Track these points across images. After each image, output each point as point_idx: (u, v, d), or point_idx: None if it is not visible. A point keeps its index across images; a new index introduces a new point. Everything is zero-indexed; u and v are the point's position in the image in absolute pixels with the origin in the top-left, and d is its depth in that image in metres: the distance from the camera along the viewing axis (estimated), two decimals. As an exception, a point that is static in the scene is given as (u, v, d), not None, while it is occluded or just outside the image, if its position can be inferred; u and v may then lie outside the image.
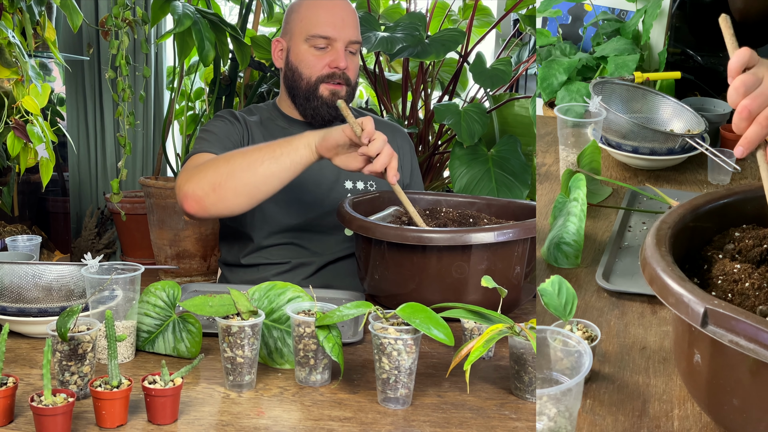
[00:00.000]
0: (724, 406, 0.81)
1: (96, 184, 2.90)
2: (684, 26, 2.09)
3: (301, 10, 1.63)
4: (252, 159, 1.35)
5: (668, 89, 1.92)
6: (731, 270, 0.92)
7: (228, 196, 1.35)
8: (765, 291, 0.87)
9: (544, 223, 1.43)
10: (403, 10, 2.67)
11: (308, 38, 1.59)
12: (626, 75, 1.86)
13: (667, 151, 1.62)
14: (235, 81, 2.36)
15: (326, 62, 1.60)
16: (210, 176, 1.36)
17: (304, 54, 1.61)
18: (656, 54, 2.05)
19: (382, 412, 0.98)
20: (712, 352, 0.80)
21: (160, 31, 2.82)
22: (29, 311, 1.20)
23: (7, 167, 2.41)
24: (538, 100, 2.09)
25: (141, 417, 0.94)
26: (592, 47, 2.11)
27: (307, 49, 1.60)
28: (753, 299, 0.87)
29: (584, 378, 0.84)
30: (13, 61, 1.56)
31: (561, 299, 1.02)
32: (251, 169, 1.34)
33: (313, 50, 1.60)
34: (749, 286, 0.88)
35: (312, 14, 1.61)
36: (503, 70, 2.09)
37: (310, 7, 1.62)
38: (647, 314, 1.16)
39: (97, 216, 2.79)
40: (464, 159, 2.08)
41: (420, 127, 2.43)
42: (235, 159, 1.38)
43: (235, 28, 2.07)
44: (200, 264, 2.23)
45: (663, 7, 2.00)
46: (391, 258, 1.31)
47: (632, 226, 1.43)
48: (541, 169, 1.70)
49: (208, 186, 1.36)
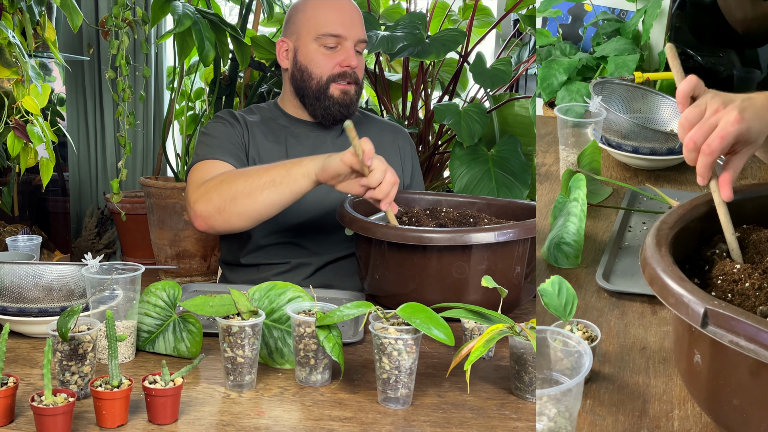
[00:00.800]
0: (724, 406, 0.81)
1: (96, 184, 2.90)
2: (684, 26, 2.09)
3: (308, 10, 1.62)
4: (253, 186, 1.37)
5: (668, 89, 1.92)
6: (731, 270, 0.92)
7: (233, 219, 1.41)
8: (765, 291, 0.87)
9: (544, 223, 1.43)
10: (403, 10, 2.67)
11: (318, 37, 1.59)
12: (626, 75, 1.86)
13: (667, 151, 1.62)
14: (235, 81, 2.36)
15: (337, 61, 1.59)
16: (215, 200, 1.41)
17: (314, 53, 1.60)
18: (656, 54, 2.05)
19: (383, 412, 0.98)
20: (712, 352, 0.80)
21: (160, 31, 2.82)
22: (30, 311, 1.20)
23: (7, 167, 2.42)
24: (538, 100, 2.09)
25: (141, 417, 0.94)
26: (592, 47, 2.11)
27: (316, 48, 1.59)
28: (753, 299, 0.87)
29: (584, 378, 0.84)
30: (13, 61, 1.57)
31: (561, 299, 1.03)
32: (252, 196, 1.37)
33: (323, 49, 1.59)
34: (749, 287, 0.88)
35: (320, 13, 1.60)
36: (503, 70, 2.09)
37: (317, 6, 1.61)
38: (647, 314, 1.16)
39: (97, 216, 2.79)
40: (464, 159, 2.08)
41: (420, 127, 2.43)
42: (237, 183, 1.40)
43: (235, 28, 2.07)
44: (200, 264, 2.23)
45: (663, 7, 2.00)
46: (392, 258, 1.31)
47: (632, 226, 1.43)
48: (541, 169, 1.70)
49: (213, 209, 1.41)
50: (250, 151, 1.61)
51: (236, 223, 1.41)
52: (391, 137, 1.76)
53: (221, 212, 1.40)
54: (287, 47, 1.65)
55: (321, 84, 1.60)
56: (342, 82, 1.60)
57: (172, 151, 2.55)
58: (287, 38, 1.65)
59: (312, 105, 1.63)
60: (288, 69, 1.66)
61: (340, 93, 1.60)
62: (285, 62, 1.66)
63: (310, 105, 1.63)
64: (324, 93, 1.60)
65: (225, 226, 1.42)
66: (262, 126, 1.65)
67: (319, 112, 1.62)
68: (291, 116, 1.68)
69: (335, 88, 1.60)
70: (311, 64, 1.60)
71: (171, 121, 2.39)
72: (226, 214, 1.40)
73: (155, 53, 2.87)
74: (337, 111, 1.61)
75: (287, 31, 1.66)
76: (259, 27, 2.60)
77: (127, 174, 2.14)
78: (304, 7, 1.63)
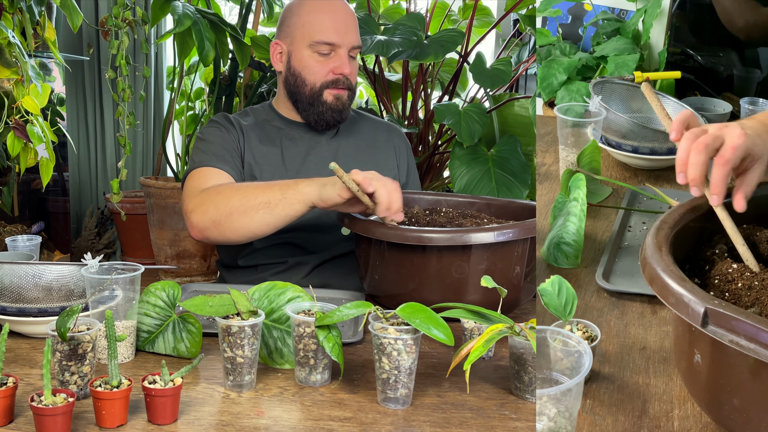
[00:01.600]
0: (724, 406, 0.81)
1: (96, 184, 2.90)
2: (684, 26, 2.09)
3: (303, 14, 1.60)
4: (249, 204, 1.37)
5: (668, 89, 1.92)
6: (726, 270, 0.92)
7: (227, 233, 1.41)
8: (756, 290, 0.87)
9: (544, 223, 1.43)
10: (403, 11, 2.67)
11: (312, 44, 1.58)
12: (626, 75, 1.86)
13: (667, 151, 1.62)
14: (235, 81, 2.36)
15: (330, 68, 1.59)
16: (211, 212, 1.41)
17: (308, 60, 1.59)
18: (656, 54, 2.05)
19: (382, 412, 0.98)
20: (712, 352, 0.80)
21: (160, 31, 2.82)
22: (29, 311, 1.20)
23: (7, 167, 2.41)
24: (538, 100, 2.09)
25: (141, 417, 0.94)
26: (592, 47, 2.11)
27: (310, 54, 1.59)
28: (745, 299, 0.87)
29: (584, 378, 0.84)
30: (13, 61, 1.56)
31: (561, 299, 1.02)
32: (247, 215, 1.38)
33: (317, 56, 1.58)
34: (741, 286, 0.89)
35: (315, 19, 1.59)
36: (503, 70, 2.09)
37: (312, 11, 1.60)
38: (647, 314, 1.16)
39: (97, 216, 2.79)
40: (464, 159, 2.08)
41: (420, 127, 2.43)
42: (234, 199, 1.40)
43: (235, 28, 2.07)
44: (200, 264, 2.23)
45: (663, 7, 2.00)
46: (391, 258, 1.31)
47: (632, 226, 1.43)
48: (541, 169, 1.70)
49: (209, 222, 1.41)
50: (246, 156, 1.60)
51: (231, 237, 1.42)
52: (386, 135, 1.76)
53: (217, 225, 1.40)
54: (281, 50, 1.64)
55: (314, 90, 1.60)
56: (335, 88, 1.60)
57: (172, 151, 2.55)
58: (281, 41, 1.64)
59: (305, 110, 1.62)
60: (282, 72, 1.65)
61: (333, 99, 1.60)
62: (279, 65, 1.65)
63: (304, 110, 1.63)
64: (318, 99, 1.60)
65: (220, 238, 1.43)
66: (257, 129, 1.65)
67: (312, 117, 1.62)
68: (285, 118, 1.68)
69: (329, 94, 1.60)
70: (305, 70, 1.60)
71: (171, 121, 2.39)
72: (221, 227, 1.40)
73: (155, 53, 2.86)
74: (330, 116, 1.61)
75: (281, 34, 1.64)
76: (259, 27, 2.60)
77: (127, 174, 2.14)
78: (299, 10, 1.61)
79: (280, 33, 1.65)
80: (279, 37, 1.65)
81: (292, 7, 1.64)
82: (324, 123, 1.62)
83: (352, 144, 1.68)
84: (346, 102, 1.62)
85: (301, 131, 1.66)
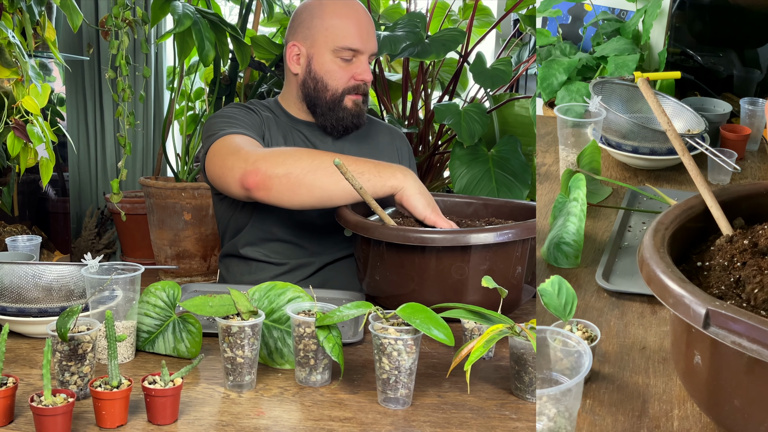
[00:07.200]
0: (724, 406, 0.81)
1: (96, 184, 2.90)
2: (684, 26, 2.09)
3: (326, 18, 1.57)
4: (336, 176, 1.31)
5: (668, 89, 1.92)
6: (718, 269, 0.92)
7: (297, 188, 1.34)
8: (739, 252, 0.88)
9: (544, 223, 1.43)
10: (403, 10, 2.67)
11: (336, 49, 1.55)
12: (626, 75, 1.86)
13: (667, 151, 1.62)
14: (235, 81, 2.36)
15: (351, 74, 1.57)
16: (289, 165, 1.34)
17: (330, 65, 1.57)
18: (656, 54, 2.05)
19: (383, 413, 0.98)
20: (712, 352, 0.80)
21: (160, 31, 2.82)
22: (29, 311, 1.20)
23: (7, 167, 2.42)
24: (538, 100, 2.09)
25: (141, 417, 0.94)
26: (592, 47, 2.12)
27: (332, 59, 1.56)
28: (737, 265, 0.88)
29: (584, 378, 0.84)
30: (13, 61, 1.56)
31: (561, 299, 1.03)
32: (333, 179, 1.32)
33: (339, 61, 1.56)
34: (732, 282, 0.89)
35: (339, 24, 1.56)
36: (503, 70, 2.09)
37: (335, 15, 1.57)
38: (647, 314, 1.16)
39: (97, 216, 2.79)
40: (464, 159, 2.08)
41: (420, 127, 2.43)
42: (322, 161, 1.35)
43: (235, 28, 2.07)
44: (200, 264, 2.23)
45: (663, 7, 2.00)
46: (391, 259, 1.31)
47: (632, 226, 1.43)
48: (541, 169, 1.70)
49: (283, 172, 1.34)
50: (265, 141, 1.58)
51: (298, 196, 1.35)
52: (388, 138, 1.76)
53: (289, 176, 1.33)
54: (299, 52, 1.60)
55: (336, 96, 1.58)
56: (355, 93, 1.59)
57: (172, 151, 2.54)
58: (299, 42, 1.59)
59: (324, 114, 1.60)
60: (299, 74, 1.61)
61: (353, 104, 1.59)
62: (296, 67, 1.61)
63: (322, 114, 1.60)
64: (338, 104, 1.59)
65: (279, 195, 1.35)
66: (270, 120, 1.65)
67: (330, 122, 1.60)
68: (293, 116, 1.67)
69: (349, 100, 1.59)
70: (327, 75, 1.58)
71: (171, 121, 2.39)
72: (292, 179, 1.33)
73: (155, 53, 2.86)
74: (350, 122, 1.61)
75: (299, 35, 1.60)
76: (259, 27, 2.60)
77: (127, 174, 2.14)
78: (321, 13, 1.58)
79: (298, 34, 1.60)
80: (296, 39, 1.60)
81: (311, 8, 1.60)
82: (342, 128, 1.61)
83: (356, 146, 1.68)
84: (363, 107, 1.61)
85: (309, 131, 1.66)
